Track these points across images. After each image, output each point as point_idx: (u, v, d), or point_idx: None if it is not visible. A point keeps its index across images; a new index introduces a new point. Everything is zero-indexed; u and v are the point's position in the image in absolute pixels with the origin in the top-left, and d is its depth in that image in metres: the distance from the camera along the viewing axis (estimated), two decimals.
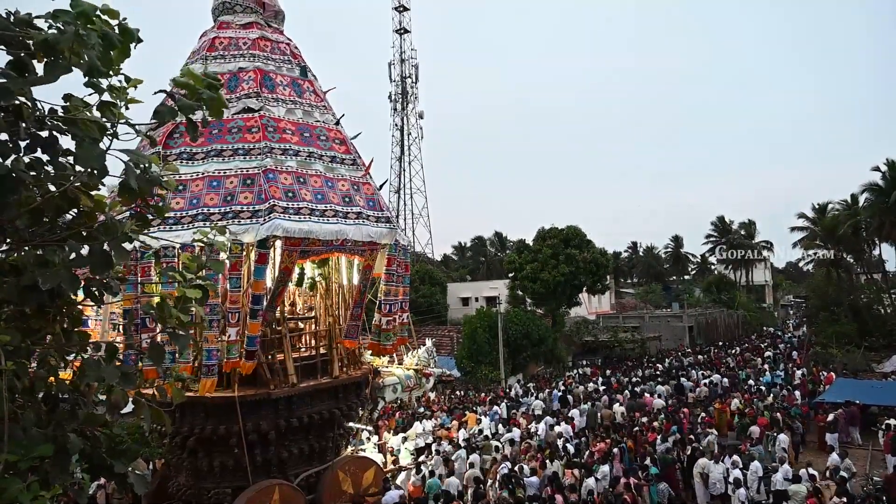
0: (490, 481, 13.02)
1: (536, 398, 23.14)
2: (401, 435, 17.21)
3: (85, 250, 2.27)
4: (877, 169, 33.17)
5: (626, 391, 22.73)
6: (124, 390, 2.35)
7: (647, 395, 21.49)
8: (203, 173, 9.92)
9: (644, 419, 17.73)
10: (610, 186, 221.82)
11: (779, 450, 14.45)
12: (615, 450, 14.30)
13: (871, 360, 28.92)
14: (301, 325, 11.78)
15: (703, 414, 18.43)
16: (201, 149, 10.12)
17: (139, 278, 8.94)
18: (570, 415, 18.84)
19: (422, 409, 22.99)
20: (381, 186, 11.99)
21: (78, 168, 2.25)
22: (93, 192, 2.34)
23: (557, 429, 17.00)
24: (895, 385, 21.47)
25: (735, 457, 13.19)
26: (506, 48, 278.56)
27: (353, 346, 11.37)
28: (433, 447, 16.19)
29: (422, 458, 15.42)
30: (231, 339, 9.40)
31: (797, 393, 20.69)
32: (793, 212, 40.46)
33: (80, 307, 2.47)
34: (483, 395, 26.76)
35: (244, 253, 9.56)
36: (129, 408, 2.46)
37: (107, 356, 2.32)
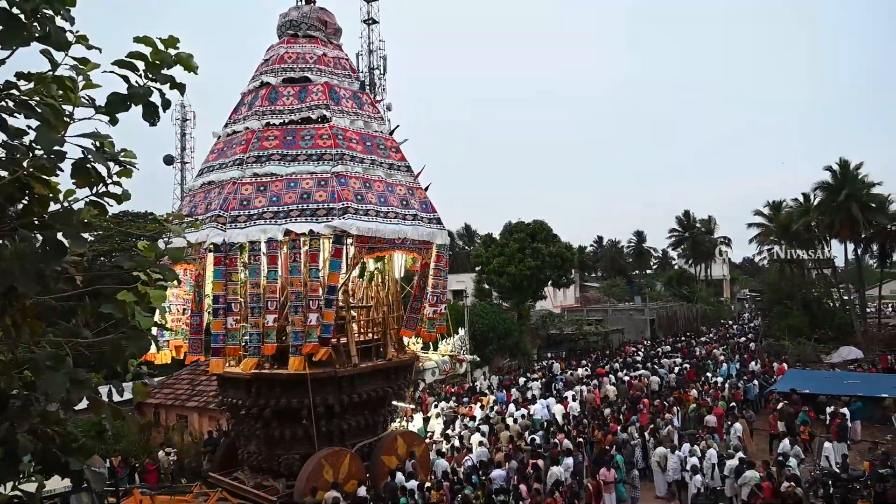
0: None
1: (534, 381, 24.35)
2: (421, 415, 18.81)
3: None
4: (829, 168, 34.54)
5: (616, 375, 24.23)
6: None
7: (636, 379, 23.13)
8: (282, 175, 11.32)
9: (607, 410, 18.16)
10: (576, 182, 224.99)
11: (733, 438, 15.00)
12: (580, 440, 14.59)
13: (820, 351, 30.40)
14: (355, 312, 13.15)
15: (664, 404, 18.92)
16: (277, 151, 11.53)
17: (227, 269, 10.65)
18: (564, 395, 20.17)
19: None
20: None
21: (37, 152, 2.11)
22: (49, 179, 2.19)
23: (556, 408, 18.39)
24: (842, 375, 22.57)
25: (693, 445, 13.61)
26: (476, 43, 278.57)
27: (411, 336, 13.05)
28: (456, 423, 17.69)
29: (448, 431, 17.07)
30: (311, 324, 10.74)
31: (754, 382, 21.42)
32: (750, 209, 41.44)
33: (36, 299, 2.26)
34: (455, 387, 26.76)
35: (320, 247, 10.99)
36: (84, 404, 2.35)
37: (54, 363, 2.12)
